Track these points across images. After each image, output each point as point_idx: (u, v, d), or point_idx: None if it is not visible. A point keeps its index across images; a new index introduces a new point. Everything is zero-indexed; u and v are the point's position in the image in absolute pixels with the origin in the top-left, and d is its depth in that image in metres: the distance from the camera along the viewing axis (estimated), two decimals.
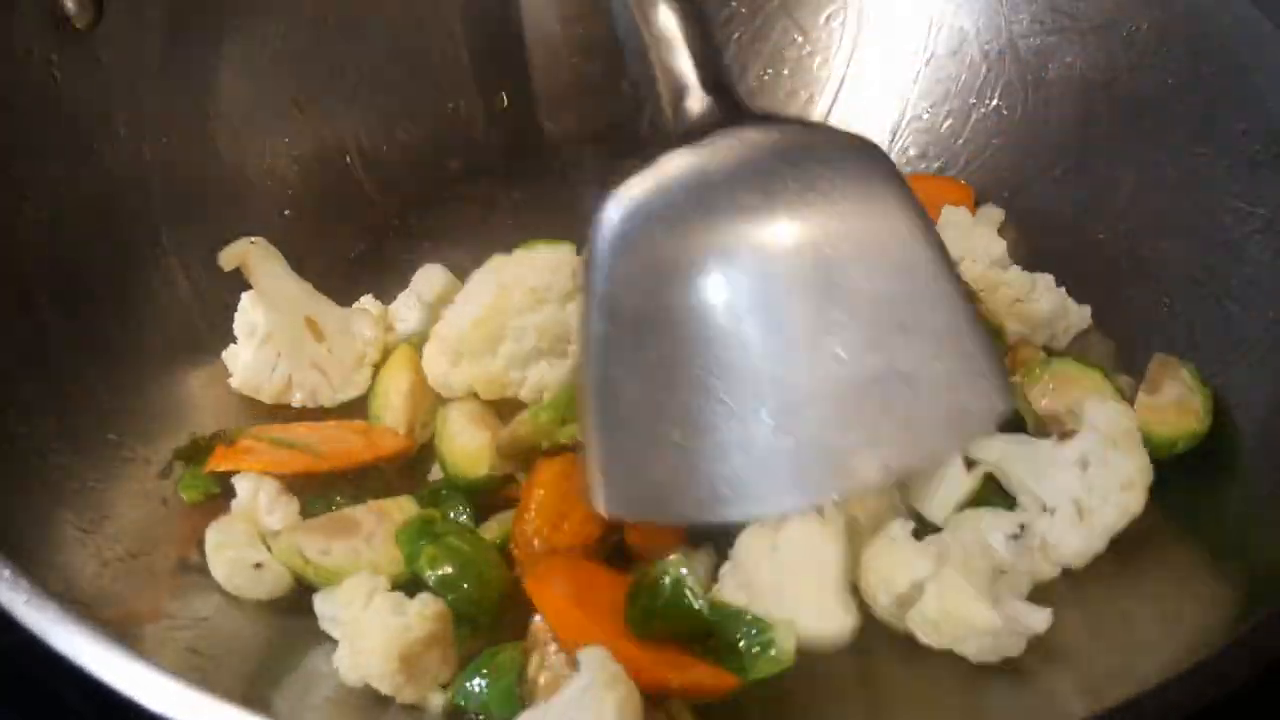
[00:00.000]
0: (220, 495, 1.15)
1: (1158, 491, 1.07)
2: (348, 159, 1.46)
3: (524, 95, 1.54)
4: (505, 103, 1.54)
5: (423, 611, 1.00)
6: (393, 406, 1.22)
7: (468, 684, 0.99)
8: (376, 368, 1.27)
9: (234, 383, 1.25)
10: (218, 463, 1.15)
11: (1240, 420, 1.13)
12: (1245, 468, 1.10)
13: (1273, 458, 1.07)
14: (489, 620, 1.04)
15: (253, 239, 1.23)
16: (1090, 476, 1.07)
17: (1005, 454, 1.10)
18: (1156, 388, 1.16)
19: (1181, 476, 1.10)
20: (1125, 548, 1.07)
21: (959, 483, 1.11)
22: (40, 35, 1.19)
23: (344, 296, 1.32)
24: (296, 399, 1.25)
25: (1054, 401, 1.18)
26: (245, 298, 1.27)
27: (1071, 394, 1.17)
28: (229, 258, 1.21)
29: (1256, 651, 0.86)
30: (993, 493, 1.12)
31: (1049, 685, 0.99)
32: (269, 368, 1.24)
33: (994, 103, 1.44)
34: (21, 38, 1.18)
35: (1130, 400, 1.16)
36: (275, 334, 1.23)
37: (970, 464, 1.11)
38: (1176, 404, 1.14)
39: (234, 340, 1.28)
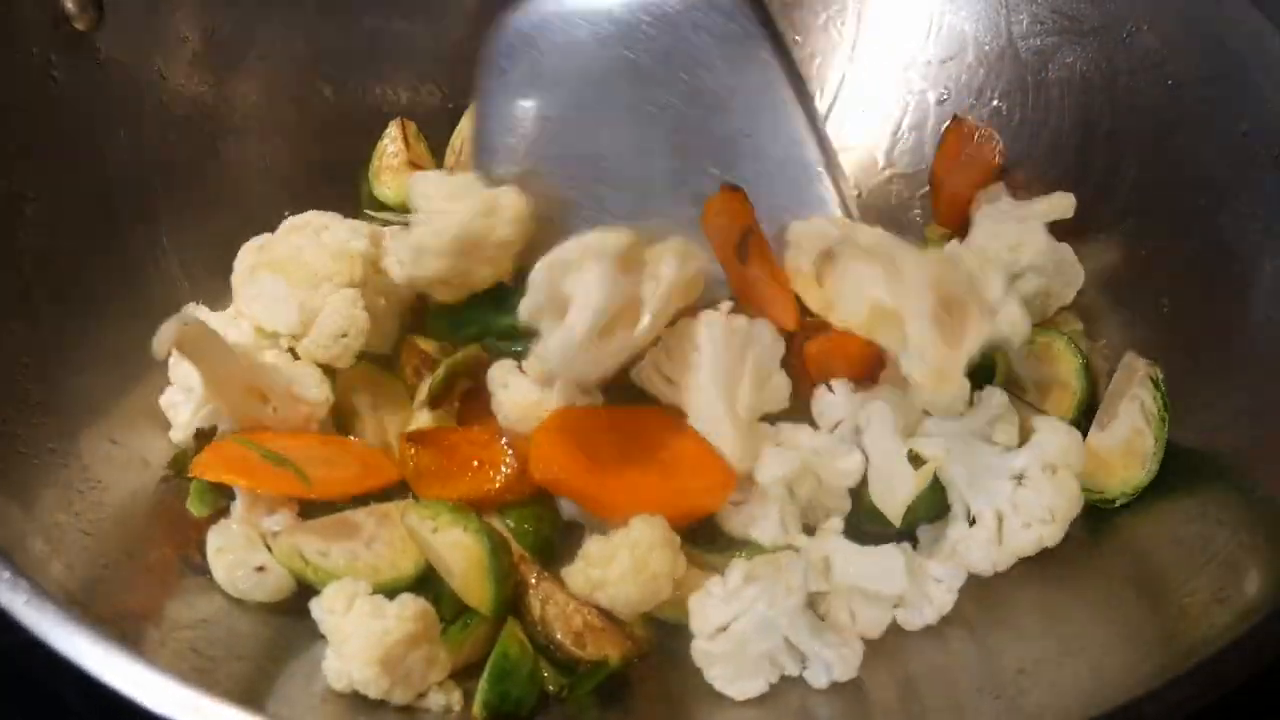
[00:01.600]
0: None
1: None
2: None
3: None
4: None
5: (401, 613, 0.99)
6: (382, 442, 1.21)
7: (491, 695, 1.00)
8: (322, 423, 1.20)
9: (174, 436, 1.18)
10: (204, 467, 1.11)
11: (1239, 422, 1.13)
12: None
13: (1273, 458, 1.07)
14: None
15: (186, 320, 1.06)
16: (1019, 495, 1.12)
17: (949, 454, 1.14)
18: (1111, 416, 1.18)
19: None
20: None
21: (909, 481, 1.13)
22: (40, 35, 1.19)
23: None
24: None
25: (1030, 368, 1.24)
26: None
27: (1047, 369, 1.24)
28: (162, 345, 1.04)
29: (1256, 651, 0.87)
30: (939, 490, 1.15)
31: None
32: (210, 430, 1.17)
33: (994, 103, 1.44)
34: (21, 38, 1.18)
35: (1097, 376, 1.23)
36: (217, 403, 1.15)
37: (918, 462, 1.14)
38: (1125, 447, 1.16)
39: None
